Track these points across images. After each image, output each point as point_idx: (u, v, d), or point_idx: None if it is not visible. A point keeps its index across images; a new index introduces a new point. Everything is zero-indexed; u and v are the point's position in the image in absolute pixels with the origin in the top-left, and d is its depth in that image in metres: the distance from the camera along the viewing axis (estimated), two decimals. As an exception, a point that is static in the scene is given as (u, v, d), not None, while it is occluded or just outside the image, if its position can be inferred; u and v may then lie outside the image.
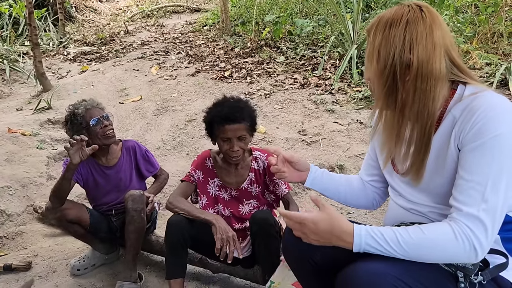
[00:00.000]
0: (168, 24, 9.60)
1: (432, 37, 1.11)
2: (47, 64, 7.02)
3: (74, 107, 2.29)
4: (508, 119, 1.04)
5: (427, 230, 1.06)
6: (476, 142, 1.05)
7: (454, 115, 1.13)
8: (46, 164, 3.77)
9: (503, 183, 1.03)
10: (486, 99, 1.08)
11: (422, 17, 1.12)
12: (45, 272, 2.39)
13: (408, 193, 1.27)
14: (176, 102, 5.14)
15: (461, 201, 1.06)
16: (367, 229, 1.09)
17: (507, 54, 5.36)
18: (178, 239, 1.87)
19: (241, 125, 1.88)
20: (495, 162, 1.03)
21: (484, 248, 1.02)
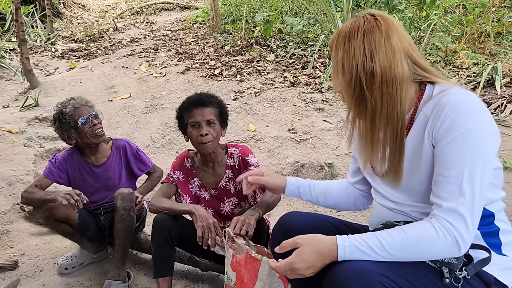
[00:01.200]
0: (157, 22, 9.54)
1: (390, 43, 1.15)
2: (34, 60, 6.93)
3: (62, 106, 2.26)
4: (475, 114, 1.08)
5: (409, 230, 1.09)
6: (447, 138, 1.09)
7: (425, 114, 1.17)
8: (33, 162, 3.73)
9: (478, 175, 1.05)
10: (454, 95, 1.12)
11: (378, 26, 1.17)
12: (32, 271, 2.36)
13: (389, 194, 1.30)
14: (166, 100, 5.11)
15: (440, 197, 1.09)
16: (350, 239, 1.11)
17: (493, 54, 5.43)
18: (164, 237, 1.85)
19: (209, 109, 1.91)
20: (468, 156, 1.06)
21: (465, 241, 1.05)
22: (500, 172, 1.19)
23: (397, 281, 1.05)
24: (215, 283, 2.19)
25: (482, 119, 1.08)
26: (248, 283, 1.58)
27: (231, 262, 1.64)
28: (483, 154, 1.06)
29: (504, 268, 1.18)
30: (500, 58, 5.15)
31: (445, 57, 5.51)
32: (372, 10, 1.22)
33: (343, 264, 1.09)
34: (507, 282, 1.17)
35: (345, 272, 1.07)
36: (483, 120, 1.09)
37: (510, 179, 2.98)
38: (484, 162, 1.06)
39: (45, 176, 2.27)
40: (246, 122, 4.36)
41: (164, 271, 1.90)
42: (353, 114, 1.24)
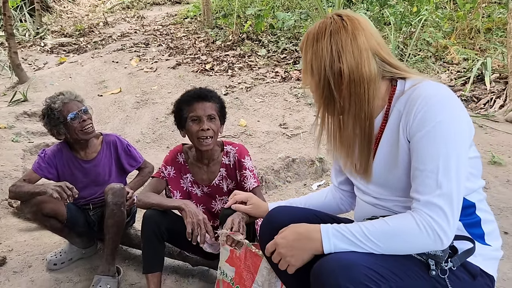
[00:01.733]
0: (148, 16, 9.46)
1: (356, 43, 1.17)
2: (23, 55, 6.84)
3: (51, 101, 2.22)
4: (446, 106, 1.09)
5: (391, 222, 1.10)
6: (420, 132, 1.10)
7: (398, 109, 1.18)
8: (22, 158, 3.69)
9: (453, 167, 1.06)
10: (424, 88, 1.13)
11: (344, 26, 1.19)
12: (20, 267, 2.34)
13: (370, 190, 1.31)
14: (156, 95, 5.08)
15: (418, 191, 1.10)
16: (334, 226, 1.14)
17: (483, 50, 5.47)
18: (154, 232, 1.83)
19: (211, 103, 1.88)
20: (441, 149, 1.07)
21: (447, 233, 1.05)
22: (477, 161, 1.20)
23: (383, 273, 1.06)
24: (205, 278, 2.19)
25: (453, 111, 1.09)
26: (247, 278, 1.58)
27: (229, 258, 1.63)
28: (456, 145, 1.07)
29: (489, 258, 1.19)
30: (490, 53, 5.19)
31: (436, 53, 5.54)
32: (339, 10, 1.25)
33: (328, 257, 1.10)
34: (492, 272, 1.19)
35: (330, 265, 1.07)
36: (454, 111, 1.10)
37: (498, 173, 3.01)
38: (458, 153, 1.07)
39: (34, 171, 2.24)
40: (237, 117, 4.35)
41: (153, 266, 1.88)
42: (322, 114, 1.26)
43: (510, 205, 2.57)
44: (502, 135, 3.63)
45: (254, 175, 1.98)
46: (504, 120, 3.98)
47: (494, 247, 1.21)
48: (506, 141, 3.52)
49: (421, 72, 5.08)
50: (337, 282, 1.03)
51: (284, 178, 3.46)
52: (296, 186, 3.33)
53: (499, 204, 2.60)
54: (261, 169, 3.38)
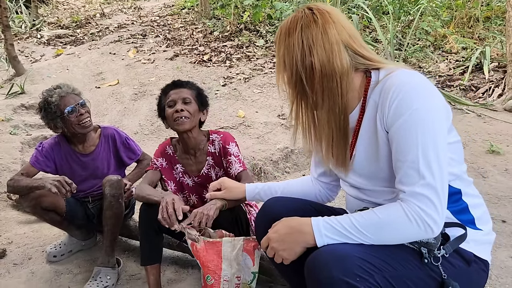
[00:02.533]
0: (145, 7, 9.39)
1: (327, 36, 1.15)
2: (19, 47, 6.80)
3: (47, 94, 2.19)
4: (420, 92, 1.08)
5: (381, 213, 1.10)
6: (397, 122, 1.09)
7: (374, 100, 1.17)
8: (20, 150, 3.69)
9: (432, 155, 1.06)
10: (398, 77, 1.12)
11: (314, 20, 1.17)
12: (20, 259, 2.35)
13: (357, 182, 1.30)
14: (154, 86, 5.06)
15: (402, 182, 1.09)
16: (324, 219, 1.15)
17: (482, 39, 5.45)
18: (151, 224, 1.83)
19: (185, 89, 1.95)
20: (419, 137, 1.06)
21: (437, 221, 1.05)
22: (457, 145, 1.20)
23: (376, 263, 1.06)
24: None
25: (428, 97, 1.09)
26: (214, 265, 1.61)
27: (192, 250, 1.66)
28: (433, 132, 1.07)
29: (481, 242, 1.19)
30: (489, 42, 5.17)
31: (434, 42, 5.52)
32: (311, 4, 1.23)
33: (321, 250, 1.11)
34: (486, 257, 1.19)
35: (324, 257, 1.07)
36: (429, 97, 1.09)
37: (496, 162, 3.01)
38: (436, 140, 1.07)
39: (32, 164, 2.24)
40: (235, 108, 4.34)
41: (151, 258, 1.89)
42: (296, 110, 1.25)
43: (508, 194, 2.58)
44: (501, 124, 3.63)
45: (239, 160, 1.97)
46: (503, 109, 3.98)
47: (485, 231, 1.21)
48: (504, 130, 3.52)
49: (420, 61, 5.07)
50: (331, 274, 1.03)
51: (283, 169, 3.47)
52: (295, 177, 3.33)
53: (497, 193, 2.61)
54: (260, 160, 3.38)
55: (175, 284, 2.09)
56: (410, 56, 5.18)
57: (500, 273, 1.87)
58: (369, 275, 1.04)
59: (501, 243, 2.09)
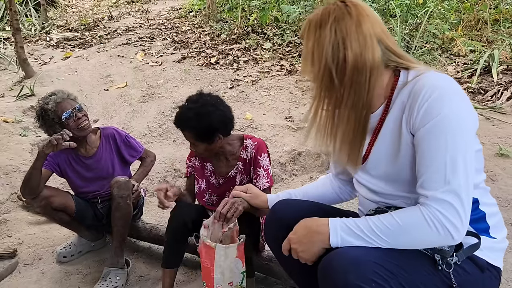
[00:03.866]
0: (153, 10, 9.46)
1: (361, 29, 1.12)
2: (29, 50, 6.87)
3: (43, 102, 2.19)
4: (452, 98, 1.06)
5: (399, 217, 1.08)
6: (425, 126, 1.07)
7: (402, 100, 1.15)
8: (30, 152, 3.73)
9: (460, 162, 1.03)
10: (427, 80, 1.10)
11: (348, 12, 1.14)
12: (30, 260, 2.37)
13: (372, 185, 1.28)
14: (162, 88, 5.09)
15: (424, 187, 1.07)
16: (342, 220, 1.13)
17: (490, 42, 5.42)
18: (181, 230, 1.84)
19: (185, 132, 1.86)
20: (448, 142, 1.04)
21: (459, 228, 1.03)
22: (480, 154, 1.18)
23: (391, 269, 1.05)
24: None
25: (458, 103, 1.06)
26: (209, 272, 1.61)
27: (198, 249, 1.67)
28: (463, 139, 1.05)
29: (494, 250, 1.18)
30: (497, 45, 5.14)
31: (442, 45, 5.50)
32: None
33: (337, 253, 1.09)
34: (498, 264, 1.18)
35: (339, 261, 1.06)
36: (459, 103, 1.07)
37: (506, 165, 3.00)
38: (466, 147, 1.05)
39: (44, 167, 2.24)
40: (243, 111, 4.35)
41: (173, 262, 1.92)
42: (317, 105, 1.22)
43: (517, 197, 2.57)
44: (510, 127, 3.61)
45: (268, 174, 1.94)
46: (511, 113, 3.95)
47: (499, 239, 1.20)
48: (513, 133, 3.50)
49: (427, 64, 5.05)
50: (346, 278, 1.02)
51: (290, 171, 3.47)
52: (302, 179, 3.34)
53: (507, 196, 2.59)
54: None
55: (184, 285, 2.11)
56: (418, 59, 5.16)
57: (510, 277, 1.86)
58: (384, 280, 1.03)
59: (511, 246, 2.07)
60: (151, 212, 2.94)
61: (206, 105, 1.83)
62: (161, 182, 3.41)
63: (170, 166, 3.52)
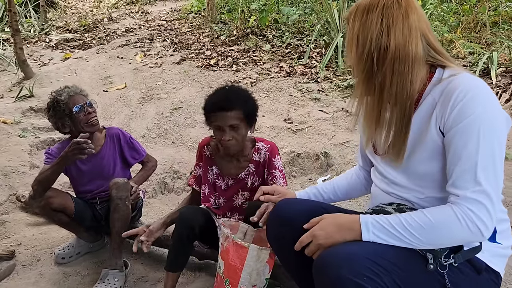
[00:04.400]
0: (152, 11, 9.47)
1: (408, 21, 1.15)
2: (28, 51, 6.87)
3: (57, 94, 2.25)
4: (485, 100, 1.08)
5: (431, 215, 1.09)
6: (457, 126, 1.08)
7: (433, 97, 1.16)
8: (28, 153, 3.72)
9: (492, 162, 1.05)
10: (462, 80, 1.11)
11: (398, 2, 1.16)
12: (29, 261, 2.37)
13: (389, 174, 1.30)
14: (161, 90, 5.10)
15: (455, 186, 1.08)
16: (372, 216, 1.14)
17: (489, 44, 5.43)
18: (187, 234, 1.82)
19: (232, 113, 1.76)
20: (480, 142, 1.05)
21: (488, 226, 1.04)
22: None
23: (385, 265, 1.06)
24: (211, 270, 2.20)
25: (492, 105, 1.08)
26: (234, 270, 1.60)
27: (221, 251, 1.66)
28: (495, 139, 1.06)
29: (496, 255, 1.18)
30: (496, 47, 5.15)
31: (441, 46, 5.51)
32: None
33: (331, 250, 1.11)
34: (498, 269, 1.18)
35: (333, 257, 1.08)
36: (493, 106, 1.08)
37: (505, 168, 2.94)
38: (497, 147, 1.06)
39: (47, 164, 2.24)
40: (242, 112, 4.35)
41: (178, 266, 1.91)
42: (361, 90, 1.23)
43: (516, 199, 2.57)
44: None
45: (283, 175, 1.95)
46: (510, 114, 3.96)
47: (504, 245, 1.20)
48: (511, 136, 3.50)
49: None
50: (339, 273, 1.03)
51: (289, 173, 3.47)
52: (301, 181, 3.34)
53: (506, 198, 2.59)
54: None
55: (183, 287, 2.10)
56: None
57: (509, 279, 1.86)
58: (377, 276, 1.04)
59: None
60: (150, 214, 2.93)
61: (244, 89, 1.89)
62: (160, 184, 3.41)
63: (169, 167, 3.52)
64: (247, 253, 1.56)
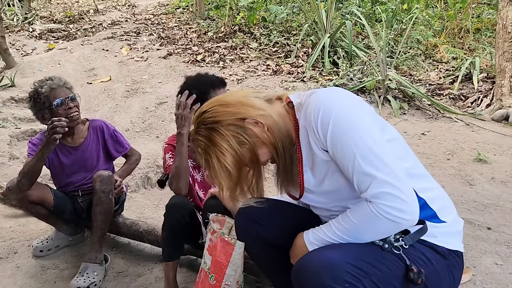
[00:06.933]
0: (140, 5, 9.36)
1: (230, 105, 1.22)
2: (10, 40, 6.72)
3: (38, 85, 2.19)
4: (335, 103, 1.13)
5: (354, 216, 1.13)
6: (327, 139, 1.13)
7: (303, 126, 1.22)
8: (8, 143, 3.65)
9: (369, 153, 1.08)
10: (314, 99, 1.17)
11: (212, 111, 1.23)
12: (5, 253, 2.32)
13: (317, 203, 1.32)
14: (147, 84, 5.05)
15: (361, 191, 1.11)
16: (312, 231, 1.23)
17: (472, 50, 5.54)
18: (178, 221, 1.81)
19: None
20: (350, 142, 1.09)
21: (405, 210, 1.07)
22: (396, 143, 1.22)
23: (363, 268, 1.08)
24: (192, 267, 2.20)
25: (344, 104, 1.13)
26: (220, 266, 1.60)
27: (208, 246, 1.65)
28: (362, 133, 1.10)
29: (449, 234, 1.20)
30: (478, 53, 5.26)
31: (426, 51, 5.60)
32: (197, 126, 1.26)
33: (310, 256, 1.14)
34: (457, 247, 1.21)
35: (314, 264, 1.09)
36: (345, 104, 1.13)
37: (483, 170, 3.07)
38: (366, 137, 1.09)
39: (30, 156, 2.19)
40: (227, 109, 4.35)
41: (176, 254, 1.90)
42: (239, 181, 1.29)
43: (494, 202, 2.63)
44: (488, 134, 3.70)
45: None
46: (491, 119, 4.05)
47: (450, 221, 1.21)
48: (491, 140, 3.59)
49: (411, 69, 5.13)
50: (322, 281, 1.05)
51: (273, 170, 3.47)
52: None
53: (484, 200, 2.65)
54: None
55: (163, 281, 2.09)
56: (401, 64, 5.25)
57: (485, 279, 1.90)
58: (357, 280, 1.06)
59: (486, 249, 2.13)
60: (132, 208, 2.91)
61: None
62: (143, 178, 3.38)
63: (152, 162, 3.49)
64: (233, 250, 1.56)
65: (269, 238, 1.40)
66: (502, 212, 2.52)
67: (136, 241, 2.39)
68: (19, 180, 2.08)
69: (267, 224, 1.40)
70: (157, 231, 2.23)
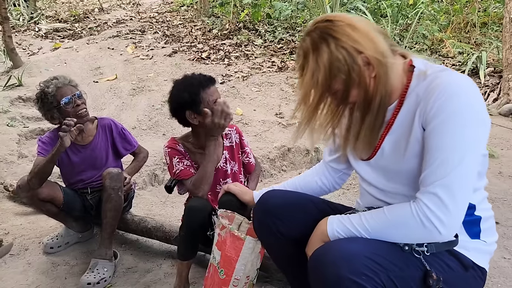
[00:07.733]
0: (144, 3, 9.39)
1: (357, 29, 1.09)
2: (17, 40, 6.76)
3: (44, 85, 2.20)
4: (463, 98, 1.04)
5: (389, 212, 1.10)
6: (437, 120, 1.05)
7: (417, 94, 1.12)
8: (17, 142, 3.68)
9: (461, 158, 1.02)
10: (447, 78, 1.07)
11: (337, 25, 1.10)
12: (17, 250, 2.35)
13: (373, 179, 1.28)
14: (153, 82, 5.07)
15: (421, 182, 1.07)
16: (338, 217, 1.19)
17: (478, 44, 5.50)
18: (199, 223, 1.79)
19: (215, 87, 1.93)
20: (456, 139, 1.03)
21: (444, 222, 1.02)
22: (486, 159, 1.16)
23: (383, 263, 1.06)
24: (200, 262, 2.21)
25: (474, 103, 1.04)
26: (229, 261, 1.61)
27: (218, 241, 1.66)
28: (472, 138, 1.03)
29: (481, 252, 1.20)
30: (485, 47, 5.22)
31: (432, 46, 5.57)
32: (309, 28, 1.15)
33: (328, 247, 1.11)
34: (484, 265, 1.20)
35: (331, 254, 1.07)
36: (475, 104, 1.04)
37: (491, 165, 3.05)
38: (473, 147, 1.04)
39: (43, 155, 2.19)
40: (233, 106, 4.35)
41: (191, 254, 1.90)
42: (317, 103, 1.19)
43: (501, 196, 2.62)
44: (496, 128, 3.68)
45: (250, 150, 2.14)
46: (498, 114, 4.03)
47: (488, 242, 1.21)
48: (499, 134, 3.57)
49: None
50: (338, 272, 1.03)
51: (280, 167, 3.49)
52: (291, 175, 3.36)
53: (491, 195, 2.64)
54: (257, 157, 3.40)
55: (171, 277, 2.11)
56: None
57: (493, 273, 1.91)
58: (375, 274, 1.04)
59: (494, 245, 2.13)
60: (140, 205, 2.93)
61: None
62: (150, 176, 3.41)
63: (159, 159, 3.51)
64: (243, 245, 1.57)
65: (289, 233, 1.38)
66: (510, 206, 2.51)
67: (144, 238, 2.41)
68: (29, 179, 2.11)
69: (287, 219, 1.37)
70: (165, 227, 2.25)
